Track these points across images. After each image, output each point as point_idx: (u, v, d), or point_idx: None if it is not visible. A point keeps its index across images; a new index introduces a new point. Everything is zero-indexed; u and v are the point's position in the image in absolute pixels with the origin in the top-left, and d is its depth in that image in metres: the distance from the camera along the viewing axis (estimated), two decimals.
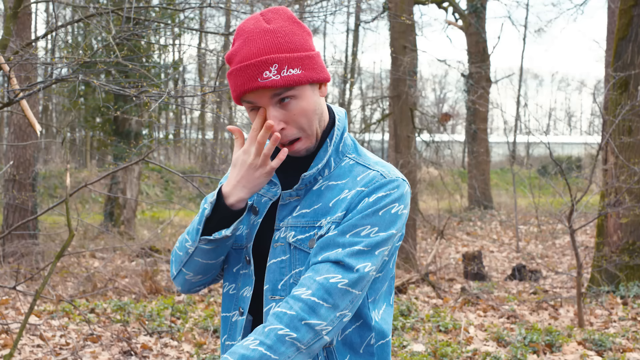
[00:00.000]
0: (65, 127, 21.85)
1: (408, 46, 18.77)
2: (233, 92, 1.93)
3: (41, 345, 6.55)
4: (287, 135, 1.93)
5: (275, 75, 1.88)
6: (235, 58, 1.91)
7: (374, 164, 2.00)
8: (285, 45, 1.90)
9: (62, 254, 4.82)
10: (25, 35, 10.95)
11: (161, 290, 9.55)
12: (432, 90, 48.02)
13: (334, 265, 1.84)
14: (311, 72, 1.92)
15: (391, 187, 1.92)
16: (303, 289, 1.82)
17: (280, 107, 1.91)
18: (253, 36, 1.91)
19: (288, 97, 1.90)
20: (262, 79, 1.87)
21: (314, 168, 1.98)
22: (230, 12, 11.89)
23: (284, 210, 2.00)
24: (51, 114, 28.87)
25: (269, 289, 1.96)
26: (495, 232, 17.82)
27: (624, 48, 9.22)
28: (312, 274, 1.85)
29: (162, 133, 28.48)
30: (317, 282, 1.82)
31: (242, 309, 2.04)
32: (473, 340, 6.99)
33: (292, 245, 1.95)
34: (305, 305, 1.81)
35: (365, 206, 1.90)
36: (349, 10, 22.75)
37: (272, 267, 1.97)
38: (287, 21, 1.93)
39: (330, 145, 2.00)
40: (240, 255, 2.08)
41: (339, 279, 1.82)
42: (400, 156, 17.69)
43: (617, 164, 9.03)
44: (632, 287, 8.89)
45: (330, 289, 1.81)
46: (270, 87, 1.87)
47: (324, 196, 1.97)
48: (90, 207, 19.59)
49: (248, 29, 1.93)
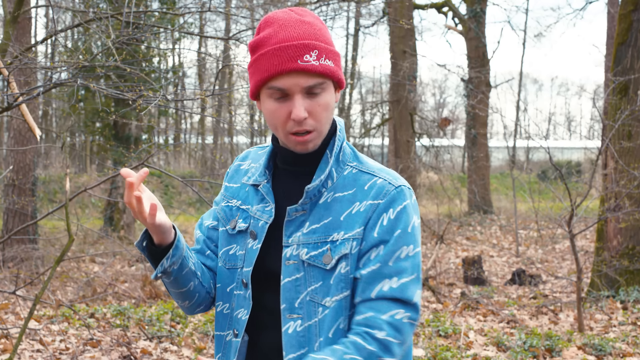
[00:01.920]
0: (65, 132, 21.87)
1: (408, 51, 18.81)
2: (263, 73, 1.87)
3: (41, 350, 6.54)
4: (309, 125, 1.89)
5: (315, 61, 1.85)
6: (270, 40, 1.86)
7: (378, 170, 1.98)
8: (321, 37, 1.88)
9: (62, 258, 4.81)
10: (25, 39, 10.96)
11: (161, 295, 9.54)
12: (431, 95, 48.04)
13: (393, 302, 1.87)
14: (339, 69, 1.92)
15: (404, 199, 1.93)
16: (376, 331, 1.84)
17: (307, 97, 1.88)
18: (290, 23, 1.87)
19: (319, 88, 1.87)
20: (302, 61, 1.83)
21: (317, 180, 1.95)
22: (230, 17, 11.90)
23: (291, 226, 1.96)
24: (51, 118, 28.87)
25: (286, 308, 1.94)
26: (495, 237, 17.81)
27: (623, 53, 9.23)
28: (375, 313, 1.86)
29: (161, 138, 28.50)
30: (385, 322, 1.85)
31: (237, 330, 2.03)
32: (473, 345, 6.98)
33: (305, 262, 1.93)
34: (381, 344, 1.84)
35: (390, 225, 1.90)
36: (349, 15, 22.81)
37: (287, 285, 1.94)
38: (316, 19, 1.92)
39: (331, 156, 1.97)
40: (233, 274, 2.06)
41: (403, 314, 1.87)
42: (400, 161, 17.70)
43: (616, 169, 9.03)
44: (632, 291, 8.88)
45: (399, 327, 1.86)
46: (310, 70, 1.84)
47: (332, 209, 1.94)
48: (90, 211, 19.59)
49: (281, 17, 1.90)
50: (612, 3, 17.78)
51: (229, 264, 2.06)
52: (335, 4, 10.25)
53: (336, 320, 1.92)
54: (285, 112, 1.88)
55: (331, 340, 1.91)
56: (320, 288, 1.92)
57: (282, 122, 1.90)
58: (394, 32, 18.64)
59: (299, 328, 1.93)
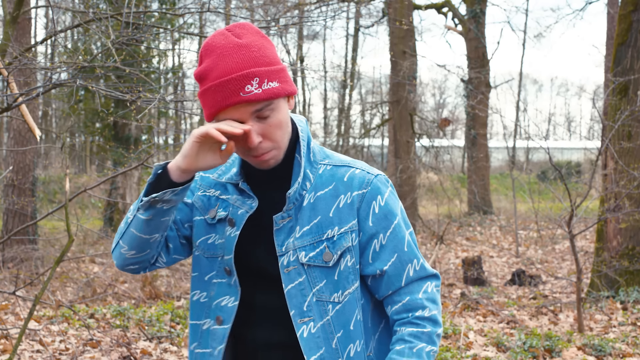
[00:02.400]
0: (65, 133, 21.86)
1: (407, 51, 18.79)
2: (210, 108, 1.88)
3: (41, 351, 6.54)
4: (264, 148, 1.92)
5: (257, 89, 1.85)
6: (211, 74, 1.87)
7: (351, 162, 2.05)
8: (261, 59, 1.88)
9: (62, 259, 4.81)
10: (25, 40, 10.96)
11: (161, 296, 9.54)
12: (431, 96, 48.04)
13: (419, 280, 2.03)
14: (286, 84, 1.92)
15: (386, 185, 2.04)
16: (420, 310, 2.00)
17: (258, 121, 1.89)
18: (228, 51, 1.87)
19: (267, 110, 1.88)
20: (244, 93, 1.84)
21: (295, 183, 1.98)
22: (229, 17, 11.90)
23: (281, 234, 1.99)
24: (51, 119, 28.88)
25: (297, 314, 1.97)
26: (495, 237, 17.81)
27: (623, 53, 9.23)
28: (411, 296, 2.01)
29: (161, 138, 28.49)
30: (423, 299, 2.01)
31: (222, 317, 2.03)
32: (473, 345, 6.98)
33: (305, 265, 1.96)
34: (431, 320, 1.99)
35: (382, 213, 2.00)
36: (349, 16, 22.81)
37: (291, 292, 1.97)
38: (256, 35, 1.92)
39: (302, 158, 2.00)
40: (213, 263, 2.07)
41: (431, 285, 2.04)
42: (400, 161, 17.70)
43: (616, 169, 9.03)
44: (631, 292, 8.88)
45: (434, 298, 2.03)
46: (254, 100, 1.85)
47: (318, 208, 1.99)
48: (89, 212, 19.58)
49: (219, 44, 1.88)
50: (611, 3, 17.78)
51: (208, 252, 2.07)
52: (334, 4, 10.26)
53: (352, 313, 1.98)
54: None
55: (352, 332, 1.97)
56: (325, 286, 1.96)
57: (238, 148, 1.93)
58: (394, 33, 18.62)
59: (313, 330, 1.96)
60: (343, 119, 28.57)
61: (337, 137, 25.98)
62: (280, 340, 2.02)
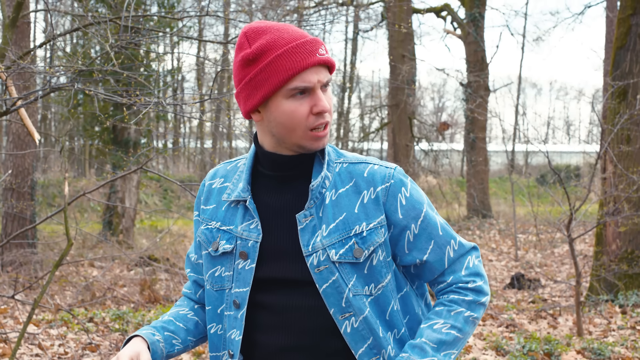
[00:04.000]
0: (64, 136, 21.86)
1: (407, 55, 18.82)
2: (286, 72, 1.87)
3: (40, 355, 6.54)
4: (326, 116, 1.94)
5: (326, 55, 1.90)
6: (279, 42, 1.87)
7: (367, 158, 2.07)
8: None
9: (61, 262, 4.81)
10: (24, 44, 10.95)
11: (160, 299, 9.53)
12: (430, 99, 48.06)
13: (460, 258, 2.06)
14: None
15: (406, 177, 2.05)
16: (463, 284, 2.05)
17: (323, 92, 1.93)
18: (284, 27, 1.91)
19: (328, 84, 1.94)
20: (319, 54, 1.88)
21: (317, 177, 1.97)
22: (228, 21, 11.91)
23: (306, 234, 1.97)
24: (50, 122, 28.87)
25: (336, 311, 1.96)
26: (494, 241, 17.80)
27: (622, 57, 9.23)
28: (455, 275, 2.05)
29: (160, 142, 28.49)
30: (466, 275, 2.05)
31: (232, 351, 2.03)
32: (472, 349, 6.97)
33: (336, 262, 1.95)
34: (474, 291, 2.04)
35: (410, 204, 2.01)
36: (348, 19, 22.80)
37: (327, 291, 1.96)
38: None
39: (323, 157, 2.02)
40: (222, 296, 2.06)
41: (472, 259, 2.08)
42: (399, 165, 17.70)
43: (615, 173, 9.03)
44: (630, 295, 8.87)
45: (477, 271, 2.07)
46: (328, 62, 1.90)
47: (342, 205, 1.98)
48: (88, 216, 19.57)
49: (270, 24, 1.93)
50: (610, 7, 17.79)
51: (216, 285, 2.06)
52: (334, 8, 10.27)
53: (388, 304, 2.00)
54: (307, 108, 1.91)
55: (388, 321, 2.00)
56: (357, 281, 1.96)
57: (303, 119, 1.92)
58: (393, 36, 18.65)
59: (355, 324, 1.97)
60: (342, 123, 28.55)
61: (336, 140, 25.98)
62: (297, 343, 2.00)
